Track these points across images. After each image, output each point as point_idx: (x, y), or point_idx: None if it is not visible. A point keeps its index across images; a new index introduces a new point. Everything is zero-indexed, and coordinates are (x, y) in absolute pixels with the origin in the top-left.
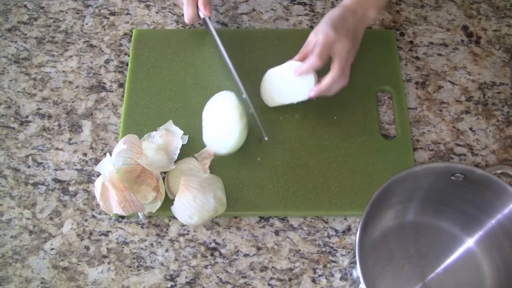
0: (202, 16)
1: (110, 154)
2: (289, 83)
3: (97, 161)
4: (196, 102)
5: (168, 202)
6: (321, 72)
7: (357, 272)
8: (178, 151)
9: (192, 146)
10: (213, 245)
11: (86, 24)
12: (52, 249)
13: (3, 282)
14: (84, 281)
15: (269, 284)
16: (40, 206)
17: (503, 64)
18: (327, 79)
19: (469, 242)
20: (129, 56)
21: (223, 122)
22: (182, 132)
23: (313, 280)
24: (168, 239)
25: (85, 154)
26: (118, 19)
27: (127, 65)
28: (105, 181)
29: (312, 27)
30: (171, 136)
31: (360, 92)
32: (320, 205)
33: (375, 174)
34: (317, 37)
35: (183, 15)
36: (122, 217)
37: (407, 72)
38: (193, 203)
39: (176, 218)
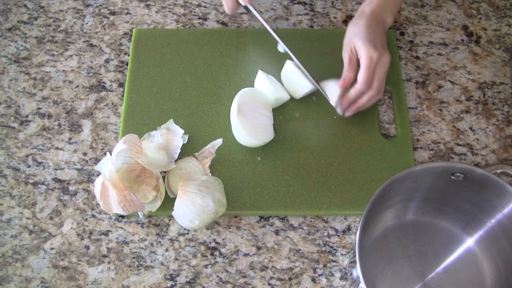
0: (243, 4)
1: (110, 154)
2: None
3: (97, 160)
4: (196, 101)
5: (168, 201)
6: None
7: (357, 271)
8: (179, 150)
9: (192, 146)
10: (213, 244)
11: (86, 23)
12: (52, 248)
13: (3, 281)
14: (84, 281)
15: (269, 284)
16: (40, 206)
17: (503, 63)
18: (352, 92)
19: (469, 242)
20: (129, 55)
21: (260, 114)
22: (182, 131)
23: (313, 280)
24: (168, 238)
25: (85, 154)
26: (118, 18)
27: (127, 64)
28: (105, 181)
29: (312, 27)
30: (172, 135)
31: None
32: (320, 204)
33: (375, 173)
34: (360, 59)
35: (183, 14)
36: (122, 216)
37: (407, 71)
38: (192, 207)
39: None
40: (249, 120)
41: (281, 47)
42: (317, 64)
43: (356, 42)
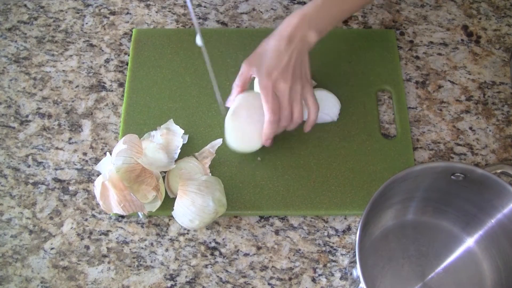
0: None
1: (110, 154)
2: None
3: (97, 160)
4: (196, 101)
5: (168, 201)
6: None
7: (357, 271)
8: (179, 150)
9: (192, 146)
10: (213, 244)
11: (86, 23)
12: (52, 248)
13: (3, 281)
14: (84, 281)
15: (269, 284)
16: (40, 206)
17: (503, 63)
18: (265, 127)
19: (469, 242)
20: (129, 55)
21: (254, 119)
22: (183, 131)
23: (313, 280)
24: (168, 238)
25: (85, 154)
26: (118, 18)
27: (127, 64)
28: (105, 181)
29: None
30: (172, 135)
31: (360, 92)
32: (320, 204)
33: (375, 173)
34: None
35: (183, 14)
36: (122, 216)
37: (407, 71)
38: (192, 207)
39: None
40: (243, 124)
41: (199, 40)
42: (317, 63)
43: (255, 65)
